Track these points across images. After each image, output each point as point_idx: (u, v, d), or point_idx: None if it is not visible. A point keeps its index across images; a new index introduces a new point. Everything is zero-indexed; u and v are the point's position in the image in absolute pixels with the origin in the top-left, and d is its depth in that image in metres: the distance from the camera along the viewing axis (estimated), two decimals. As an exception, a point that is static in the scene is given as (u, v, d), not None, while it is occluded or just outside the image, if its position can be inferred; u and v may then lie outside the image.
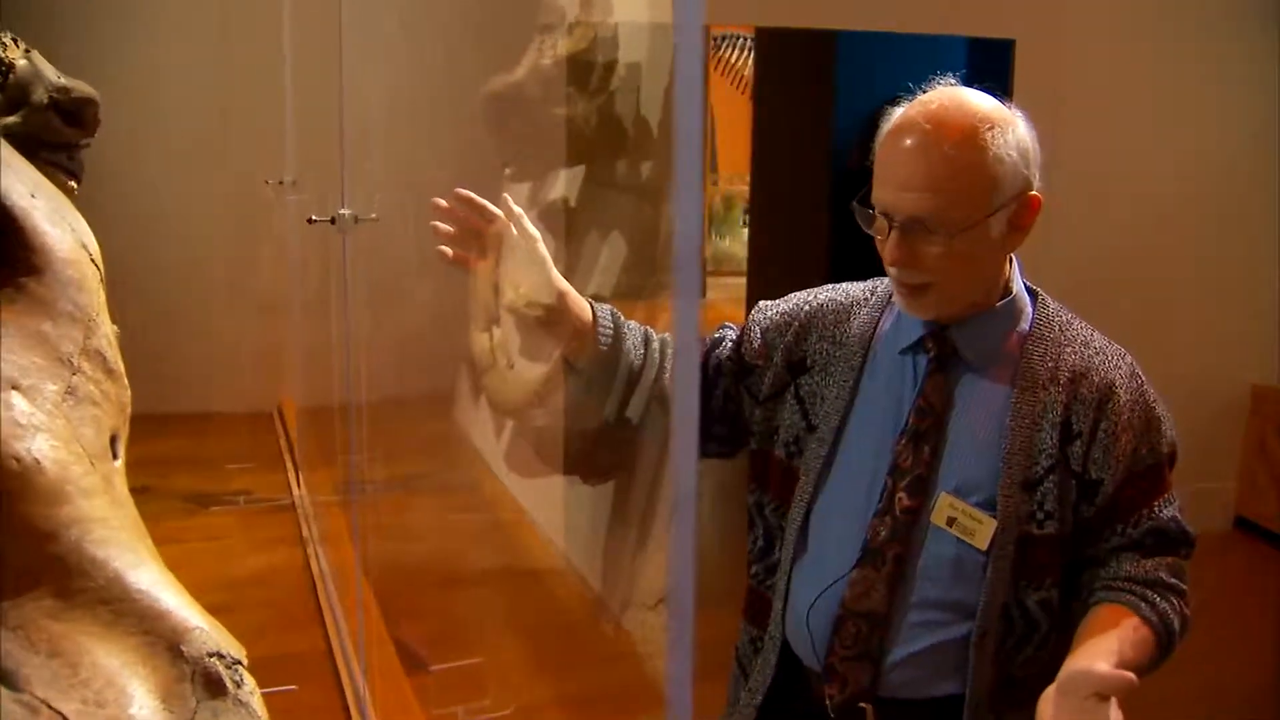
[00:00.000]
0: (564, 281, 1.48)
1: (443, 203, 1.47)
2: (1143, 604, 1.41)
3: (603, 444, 1.59)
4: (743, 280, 4.59)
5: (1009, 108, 1.40)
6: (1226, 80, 4.08)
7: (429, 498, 4.15)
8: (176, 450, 4.78)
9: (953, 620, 1.43)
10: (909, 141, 1.37)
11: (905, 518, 1.43)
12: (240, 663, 0.83)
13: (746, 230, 5.02)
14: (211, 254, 5.55)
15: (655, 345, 1.55)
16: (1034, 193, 1.39)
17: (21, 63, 2.32)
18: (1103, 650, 1.32)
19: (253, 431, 5.38)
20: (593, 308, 1.51)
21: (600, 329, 1.50)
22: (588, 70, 3.16)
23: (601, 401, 1.51)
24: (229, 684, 0.81)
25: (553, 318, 1.46)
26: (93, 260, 0.88)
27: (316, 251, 3.88)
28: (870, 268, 1.58)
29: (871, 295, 1.58)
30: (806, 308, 1.60)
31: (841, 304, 1.59)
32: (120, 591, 0.82)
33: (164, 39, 5.36)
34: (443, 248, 1.48)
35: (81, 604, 0.81)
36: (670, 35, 0.45)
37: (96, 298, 0.87)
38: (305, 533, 3.98)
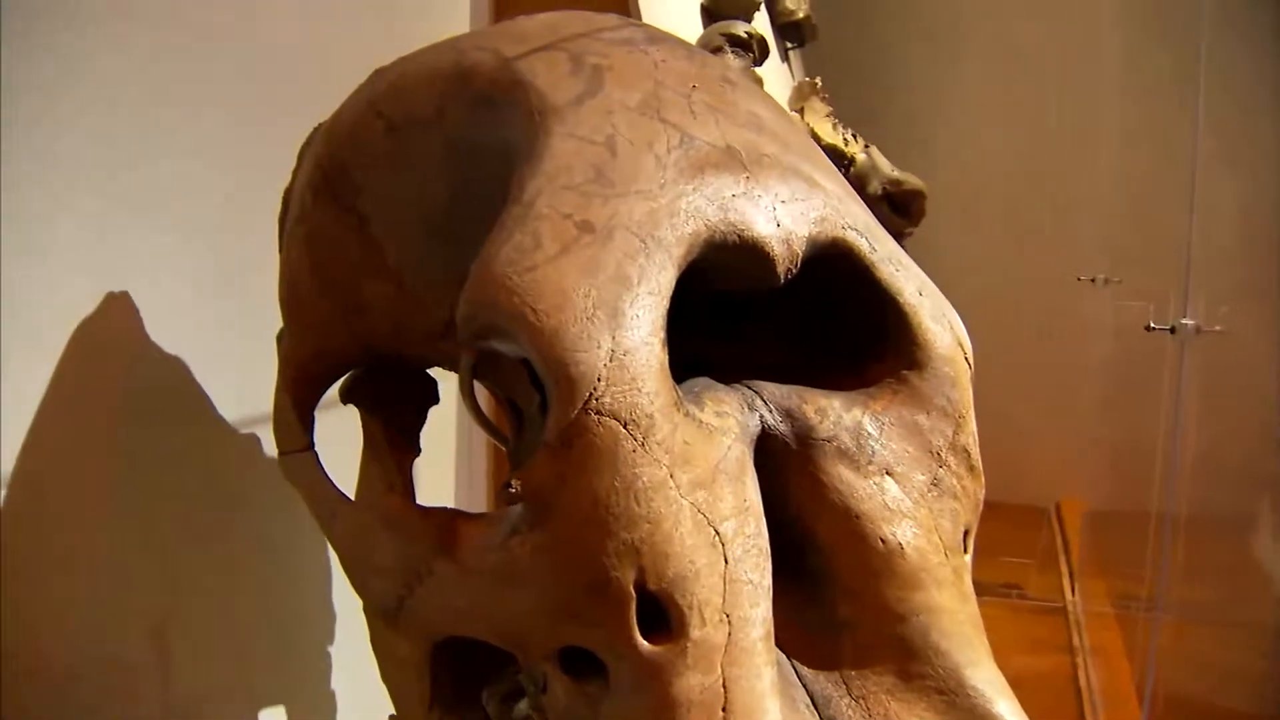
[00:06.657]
0: None
1: None
2: None
3: None
4: None
5: None
6: None
7: (1215, 628, 3.76)
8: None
9: None
10: None
11: None
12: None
13: None
14: (1010, 340, 5.54)
15: None
16: None
17: (860, 157, 2.55)
18: None
19: (1025, 525, 5.31)
20: None
21: None
22: None
23: None
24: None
25: None
26: (966, 359, 0.91)
27: (1124, 353, 3.72)
28: None
29: None
30: None
31: None
32: (956, 684, 0.84)
33: (976, 115, 5.40)
34: None
35: (919, 689, 0.84)
36: None
37: (966, 395, 0.90)
38: (1075, 641, 3.83)
